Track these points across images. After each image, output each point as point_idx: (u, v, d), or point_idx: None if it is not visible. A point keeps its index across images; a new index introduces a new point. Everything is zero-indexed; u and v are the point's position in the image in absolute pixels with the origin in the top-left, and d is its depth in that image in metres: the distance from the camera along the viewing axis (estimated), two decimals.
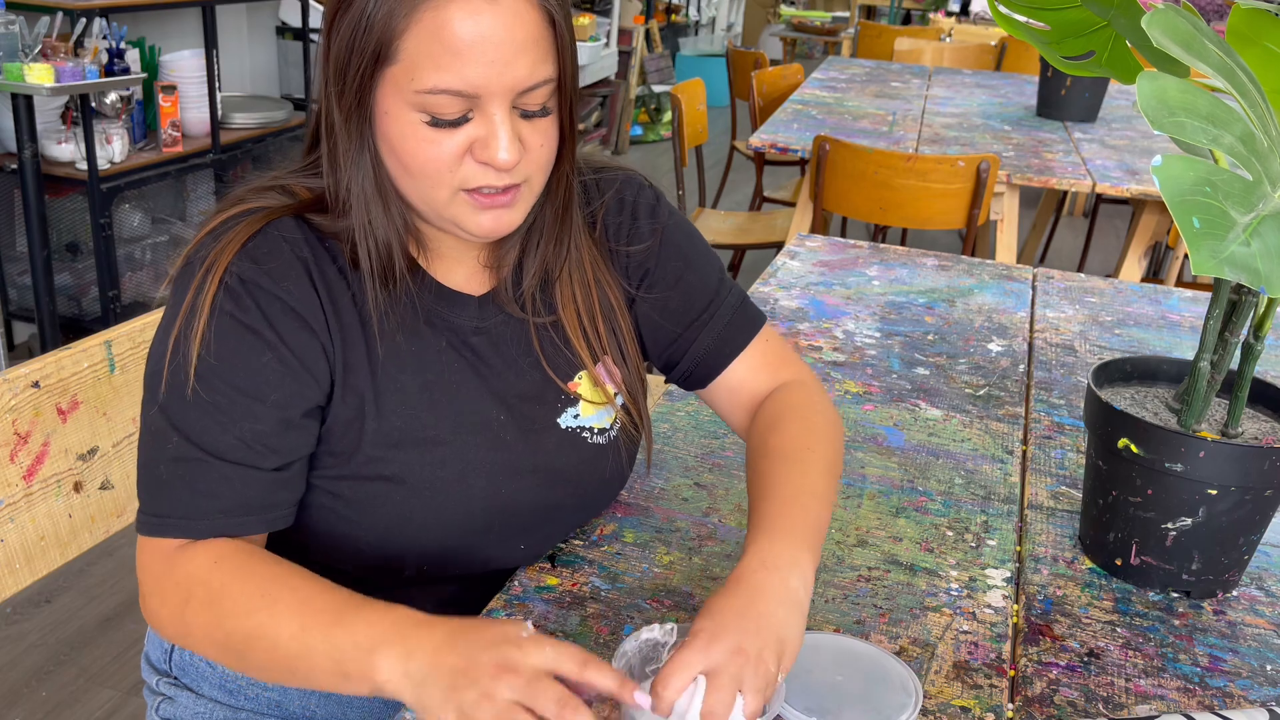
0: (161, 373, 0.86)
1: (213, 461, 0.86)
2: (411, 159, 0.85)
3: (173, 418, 0.86)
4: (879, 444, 1.29)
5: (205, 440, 0.86)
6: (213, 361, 0.85)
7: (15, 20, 2.83)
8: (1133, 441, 0.99)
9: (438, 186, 0.86)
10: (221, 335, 0.86)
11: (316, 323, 0.89)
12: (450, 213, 0.88)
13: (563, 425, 1.00)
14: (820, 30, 8.15)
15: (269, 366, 0.87)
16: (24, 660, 2.17)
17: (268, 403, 0.87)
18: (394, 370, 0.93)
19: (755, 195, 4.11)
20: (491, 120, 0.84)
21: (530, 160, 0.88)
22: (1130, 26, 0.97)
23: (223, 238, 0.88)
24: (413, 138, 0.84)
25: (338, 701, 1.09)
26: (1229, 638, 0.99)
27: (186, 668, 1.10)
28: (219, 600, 0.82)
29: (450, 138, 0.84)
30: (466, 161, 0.85)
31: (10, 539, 1.07)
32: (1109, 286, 1.91)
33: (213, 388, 0.85)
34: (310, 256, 0.90)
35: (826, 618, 0.97)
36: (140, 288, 3.47)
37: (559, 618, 0.95)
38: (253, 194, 0.92)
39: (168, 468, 0.86)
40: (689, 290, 1.05)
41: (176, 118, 3.41)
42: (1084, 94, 3.45)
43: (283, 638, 0.79)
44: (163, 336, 0.88)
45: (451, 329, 0.96)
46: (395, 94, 0.83)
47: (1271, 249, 0.72)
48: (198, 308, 0.86)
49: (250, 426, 0.86)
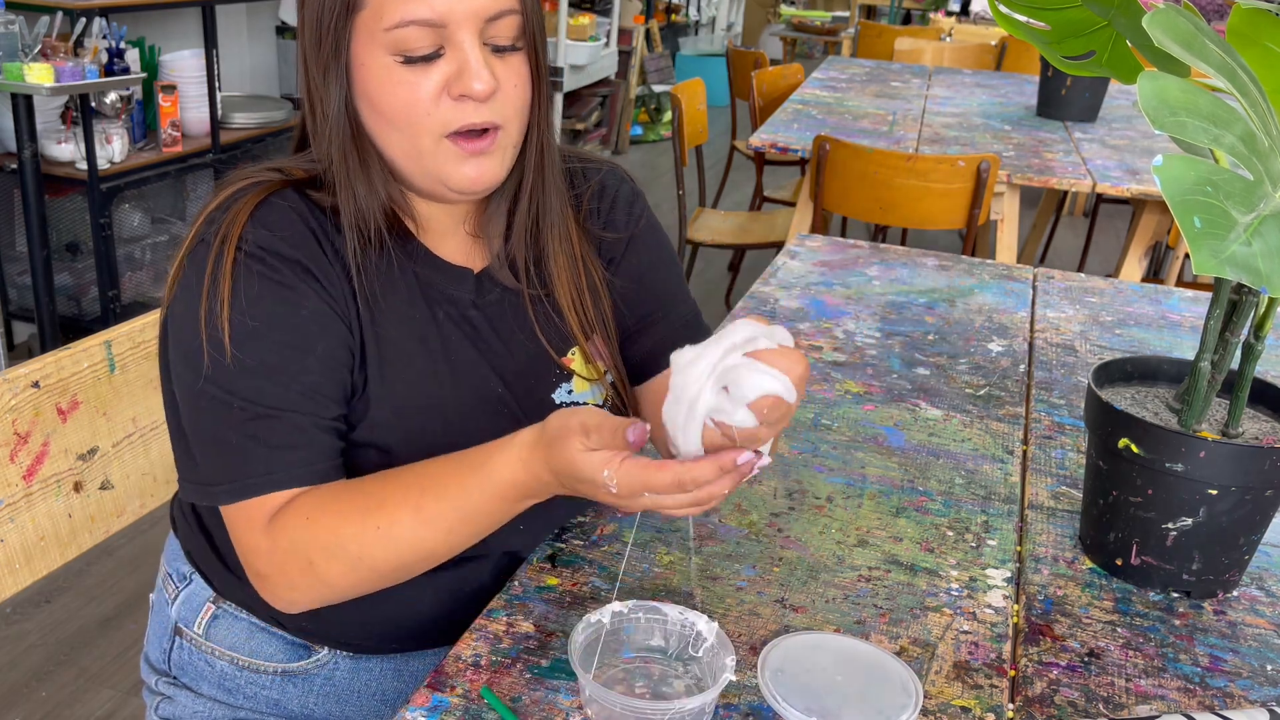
0: (198, 348, 0.86)
1: (283, 414, 0.86)
2: (389, 105, 0.86)
3: (229, 385, 0.86)
4: (879, 444, 1.29)
5: (268, 399, 0.86)
6: (252, 323, 0.86)
7: (15, 20, 2.83)
8: (1133, 441, 0.99)
9: (419, 133, 0.87)
10: (258, 297, 0.86)
11: (332, 286, 0.90)
12: (434, 165, 0.89)
13: (557, 400, 1.02)
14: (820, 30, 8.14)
15: (308, 320, 0.88)
16: (24, 660, 2.17)
17: (316, 354, 0.88)
18: (397, 338, 0.94)
19: (755, 195, 4.11)
20: (462, 50, 0.85)
21: (505, 100, 0.89)
22: (1131, 26, 0.97)
23: (230, 209, 0.89)
24: (388, 81, 0.86)
25: (335, 699, 1.10)
26: (1229, 638, 0.99)
27: (186, 667, 1.10)
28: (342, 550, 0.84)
29: (425, 76, 0.86)
30: (444, 101, 0.86)
31: (10, 539, 1.07)
32: (1109, 286, 1.91)
33: (262, 348, 0.86)
34: (316, 226, 0.91)
35: (826, 618, 0.97)
36: (140, 288, 3.47)
37: (559, 618, 0.95)
38: (248, 173, 0.94)
39: (238, 432, 0.86)
40: (649, 287, 1.08)
41: (176, 117, 3.41)
42: (1084, 94, 3.45)
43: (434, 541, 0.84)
44: (186, 313, 0.88)
45: (450, 301, 0.97)
46: (368, 41, 0.85)
47: (1272, 248, 0.71)
48: (219, 277, 0.86)
49: (306, 379, 0.87)
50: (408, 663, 1.11)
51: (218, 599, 1.08)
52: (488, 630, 0.92)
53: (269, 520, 0.87)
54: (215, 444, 0.88)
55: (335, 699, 1.09)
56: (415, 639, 1.08)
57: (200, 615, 1.08)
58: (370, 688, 1.10)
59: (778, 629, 0.95)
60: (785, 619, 0.96)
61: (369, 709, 1.11)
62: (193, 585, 1.09)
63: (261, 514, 0.87)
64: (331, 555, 0.85)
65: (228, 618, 1.08)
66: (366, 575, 0.86)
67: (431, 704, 0.84)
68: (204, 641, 1.08)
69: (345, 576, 0.86)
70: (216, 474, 0.88)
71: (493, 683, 0.86)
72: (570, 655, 0.82)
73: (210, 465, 0.88)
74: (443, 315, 0.97)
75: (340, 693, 1.09)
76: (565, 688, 0.86)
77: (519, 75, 0.90)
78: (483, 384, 0.98)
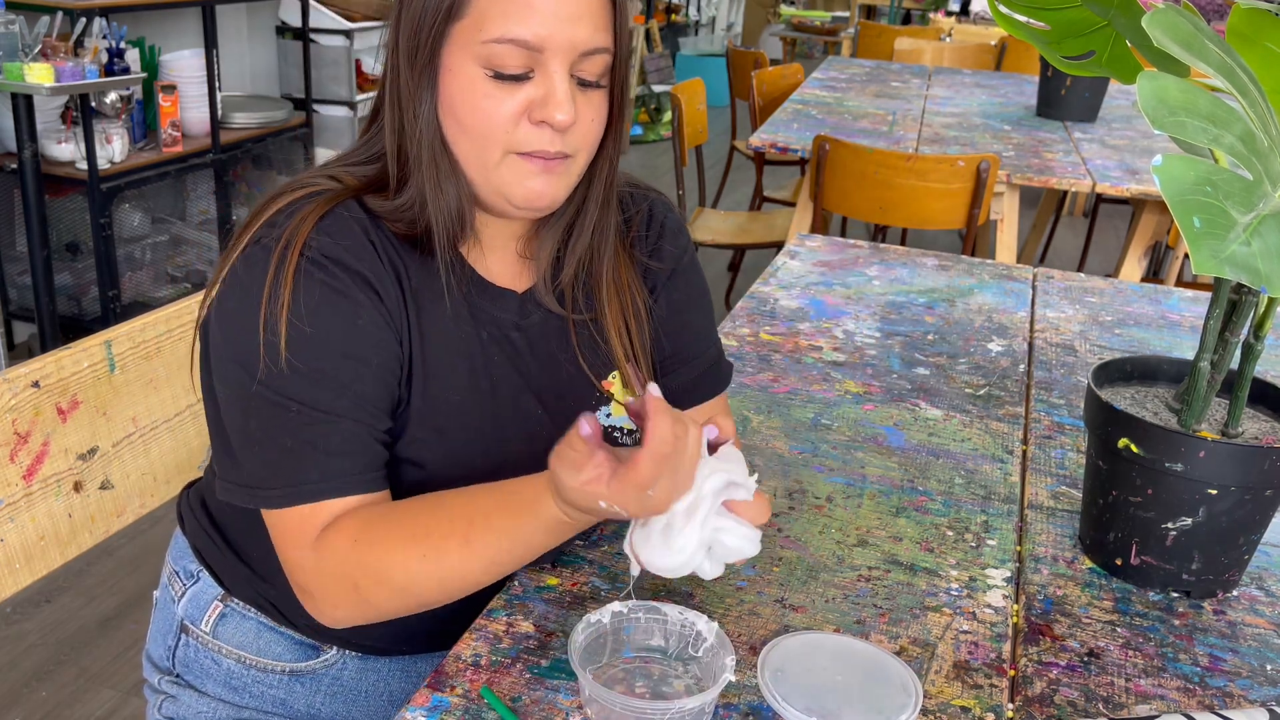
0: (253, 350, 0.86)
1: (339, 420, 0.87)
2: (469, 115, 0.88)
3: (285, 390, 0.86)
4: (879, 444, 1.29)
5: (323, 403, 0.86)
6: (310, 330, 0.86)
7: (15, 20, 2.83)
8: (1133, 441, 0.99)
9: (490, 146, 0.88)
10: (318, 305, 0.87)
11: (389, 299, 0.91)
12: (498, 179, 0.90)
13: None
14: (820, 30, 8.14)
15: (365, 330, 0.88)
16: (24, 660, 2.17)
17: (371, 365, 0.89)
18: (441, 356, 0.94)
19: (755, 195, 4.11)
20: (551, 78, 0.86)
21: (580, 132, 0.90)
22: (1130, 26, 0.97)
23: (296, 215, 0.89)
24: (473, 93, 0.87)
25: (342, 700, 1.10)
26: (1229, 638, 0.99)
27: (191, 664, 1.10)
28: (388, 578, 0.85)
29: (510, 95, 0.87)
30: (523, 123, 0.88)
31: (10, 539, 1.07)
32: (1109, 286, 1.91)
33: (318, 356, 0.86)
34: (377, 239, 0.91)
35: (826, 618, 0.97)
36: (140, 288, 3.47)
37: (559, 618, 0.95)
38: (307, 180, 0.94)
39: (293, 436, 0.86)
40: (685, 323, 1.09)
41: (176, 117, 3.41)
42: (1084, 94, 3.45)
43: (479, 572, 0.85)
44: (240, 314, 0.87)
45: (494, 322, 0.98)
46: (462, 49, 0.87)
47: (1272, 248, 0.71)
48: (281, 281, 0.86)
49: (360, 389, 0.88)
50: (415, 663, 1.11)
51: (226, 597, 1.08)
52: (487, 630, 0.92)
53: (317, 536, 0.87)
54: (268, 446, 0.87)
55: (342, 699, 1.09)
56: (426, 641, 1.09)
57: (208, 613, 1.08)
58: (378, 688, 1.10)
59: (777, 629, 0.95)
60: (785, 619, 0.96)
61: (376, 709, 1.11)
62: (200, 583, 1.09)
63: (311, 526, 0.87)
64: (378, 581, 0.85)
65: (236, 616, 1.08)
66: (411, 602, 0.87)
67: (431, 704, 0.84)
68: (211, 640, 1.08)
69: (390, 601, 0.87)
70: (267, 477, 0.87)
71: (493, 682, 0.86)
72: (570, 655, 0.82)
73: (260, 468, 0.87)
74: (486, 336, 0.97)
75: (347, 692, 1.09)
76: (565, 687, 0.86)
77: (597, 111, 0.91)
78: (522, 405, 0.99)
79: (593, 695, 0.81)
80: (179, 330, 1.23)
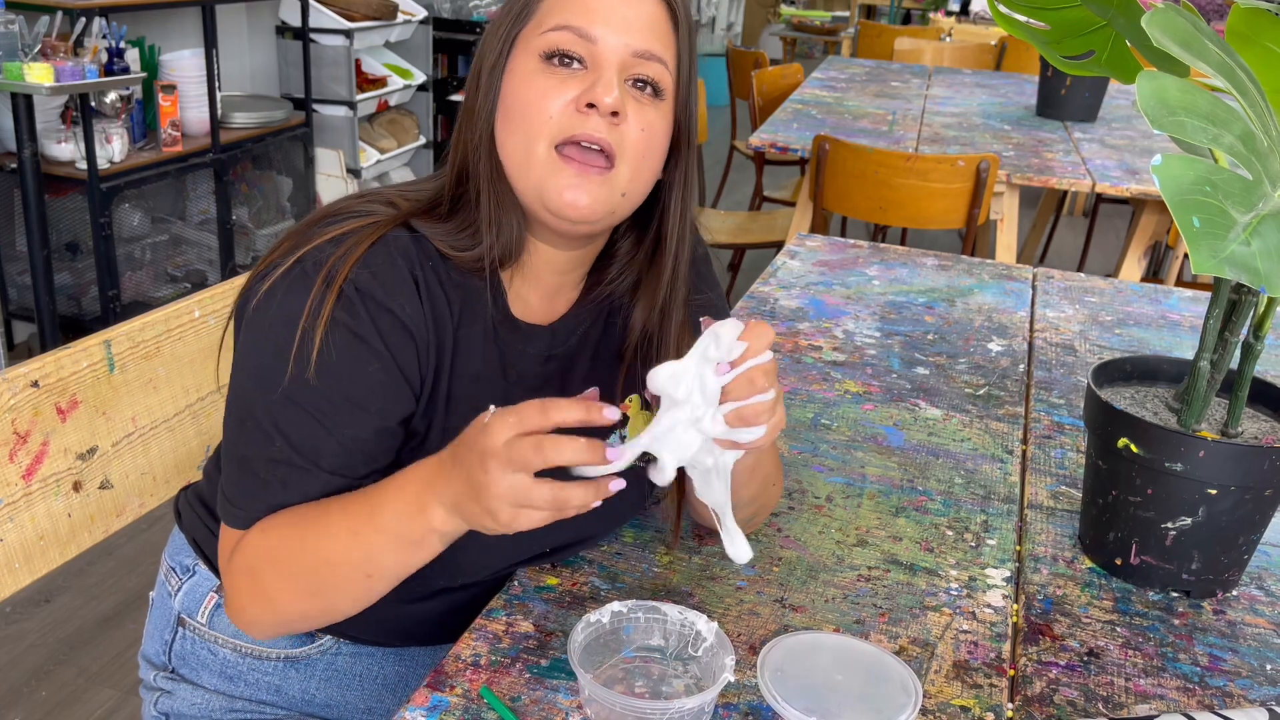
0: (268, 371, 0.87)
1: (312, 470, 0.88)
2: (518, 101, 0.89)
3: (278, 419, 0.87)
4: (879, 444, 1.29)
5: (307, 446, 0.88)
6: (322, 371, 0.87)
7: (15, 20, 2.83)
8: (1133, 441, 0.99)
9: (535, 136, 0.88)
10: (334, 344, 0.87)
11: (420, 338, 0.91)
12: (539, 178, 0.89)
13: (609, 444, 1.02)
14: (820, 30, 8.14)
15: (374, 376, 0.89)
16: (24, 660, 2.17)
17: (371, 411, 0.89)
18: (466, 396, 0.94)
19: (755, 195, 4.11)
20: (601, 69, 0.88)
21: (626, 136, 0.88)
22: (1130, 26, 0.97)
23: (343, 244, 0.89)
24: (527, 85, 0.88)
25: (338, 685, 1.10)
26: (1229, 637, 0.99)
27: (188, 657, 1.11)
28: (277, 557, 0.87)
29: (561, 83, 0.87)
30: (569, 111, 0.88)
31: (10, 538, 1.07)
32: (1109, 286, 1.91)
33: (320, 394, 0.87)
34: (421, 276, 0.91)
35: (826, 617, 0.97)
36: (140, 287, 3.47)
37: (559, 618, 0.95)
38: (360, 202, 0.94)
39: (266, 468, 0.88)
40: None
41: (176, 117, 3.41)
42: (1084, 94, 3.45)
43: (344, 550, 0.85)
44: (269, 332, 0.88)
45: (521, 358, 0.98)
46: (525, 50, 0.89)
47: (1271, 248, 0.71)
48: (319, 313, 0.86)
49: (352, 433, 0.88)
50: (411, 650, 1.12)
51: (222, 588, 1.08)
52: (487, 630, 0.92)
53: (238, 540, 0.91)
54: (244, 468, 0.90)
55: (337, 684, 1.10)
56: (416, 638, 1.09)
57: (204, 604, 1.09)
58: (372, 672, 1.11)
59: (777, 629, 0.95)
60: (785, 619, 0.96)
61: (370, 693, 1.12)
62: (196, 576, 1.10)
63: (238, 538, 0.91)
64: (272, 563, 0.88)
65: None
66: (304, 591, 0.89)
67: (431, 704, 0.84)
68: (207, 630, 1.09)
69: (282, 588, 0.88)
70: (238, 495, 0.90)
71: (492, 682, 0.86)
72: (569, 655, 0.82)
73: (233, 484, 0.91)
74: (514, 376, 0.97)
75: (342, 678, 1.10)
76: (565, 687, 0.86)
77: (648, 123, 0.90)
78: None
79: (592, 695, 0.81)
80: (179, 330, 1.23)
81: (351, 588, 0.87)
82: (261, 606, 0.90)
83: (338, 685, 1.10)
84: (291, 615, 0.91)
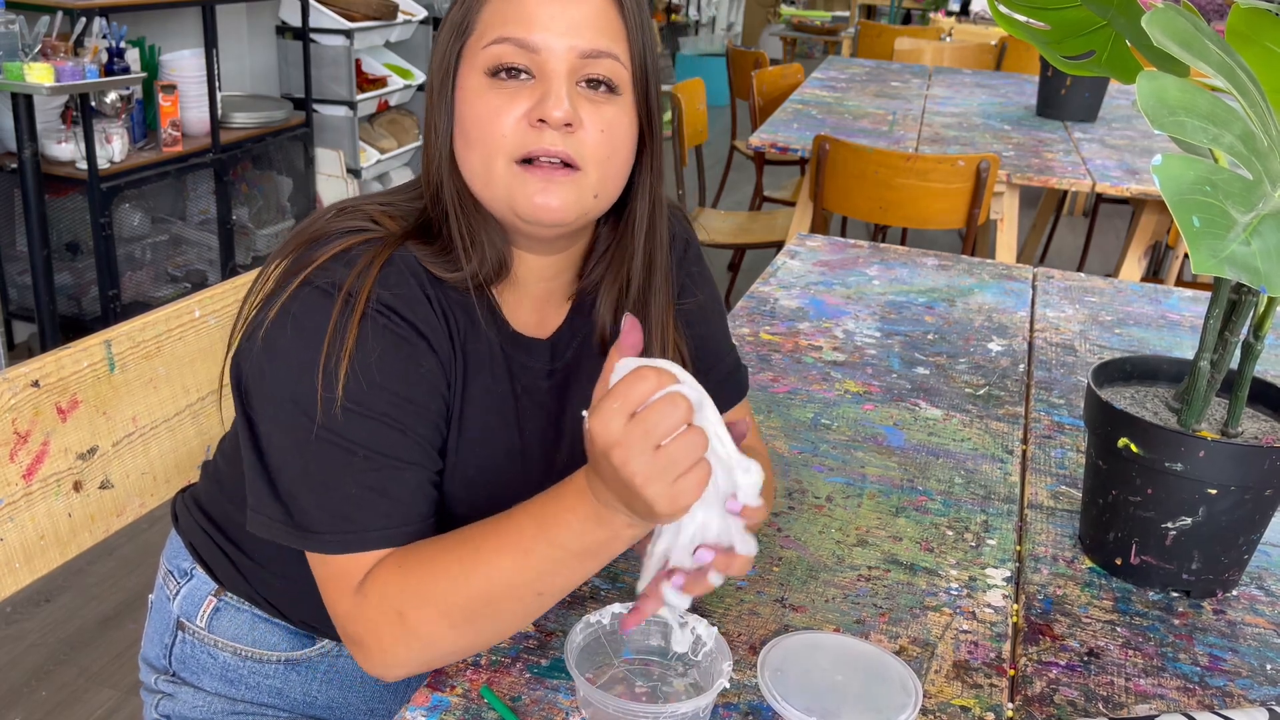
0: (311, 395, 0.84)
1: (405, 467, 0.86)
2: (471, 120, 0.87)
3: (350, 435, 0.84)
4: (879, 443, 1.29)
5: (390, 448, 0.85)
6: (377, 375, 0.85)
7: (15, 20, 2.83)
8: (1133, 441, 0.99)
9: (493, 154, 0.86)
10: (384, 351, 0.85)
11: (442, 352, 0.90)
12: (504, 190, 0.87)
13: None
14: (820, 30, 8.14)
15: (425, 376, 0.88)
16: (24, 660, 2.17)
17: (430, 410, 0.88)
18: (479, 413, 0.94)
19: (755, 195, 4.11)
20: (549, 80, 0.85)
21: (584, 141, 0.86)
22: (1130, 26, 0.97)
23: (356, 264, 0.87)
24: (475, 100, 0.86)
25: (339, 687, 1.10)
26: (1229, 637, 0.99)
27: (188, 661, 1.10)
28: (431, 592, 0.81)
29: (510, 99, 0.85)
30: (522, 126, 0.85)
31: (10, 538, 1.07)
32: (1109, 286, 1.91)
33: (384, 399, 0.85)
34: (431, 293, 0.90)
35: (826, 617, 0.97)
36: (140, 287, 3.47)
37: (559, 618, 0.95)
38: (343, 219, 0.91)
39: (358, 483, 0.84)
40: (700, 338, 1.07)
41: (176, 117, 3.41)
42: (1084, 94, 3.45)
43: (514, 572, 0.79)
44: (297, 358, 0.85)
45: (527, 372, 0.97)
46: (469, 65, 0.87)
47: (1271, 248, 0.71)
48: (344, 330, 0.84)
49: (421, 432, 0.87)
50: None
51: (220, 591, 1.08)
52: None
53: (362, 579, 0.84)
54: (331, 491, 0.85)
55: (338, 685, 1.10)
56: None
57: (202, 608, 1.09)
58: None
59: (777, 628, 0.95)
60: (785, 618, 0.96)
61: (371, 694, 1.12)
62: (194, 580, 1.09)
63: (360, 570, 0.84)
64: (423, 602, 0.81)
65: (230, 610, 1.08)
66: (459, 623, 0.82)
67: (431, 703, 0.84)
68: (206, 634, 1.09)
69: (438, 627, 0.81)
70: (325, 520, 0.84)
71: (492, 682, 0.87)
72: (566, 656, 0.82)
73: (318, 511, 0.85)
74: (520, 389, 0.97)
75: (343, 679, 1.10)
76: (565, 687, 0.86)
77: (607, 123, 0.87)
78: (548, 457, 0.99)
79: (587, 697, 0.81)
80: (179, 330, 1.23)
81: (521, 608, 0.82)
82: (413, 648, 0.82)
83: (339, 686, 1.10)
84: (447, 650, 0.84)
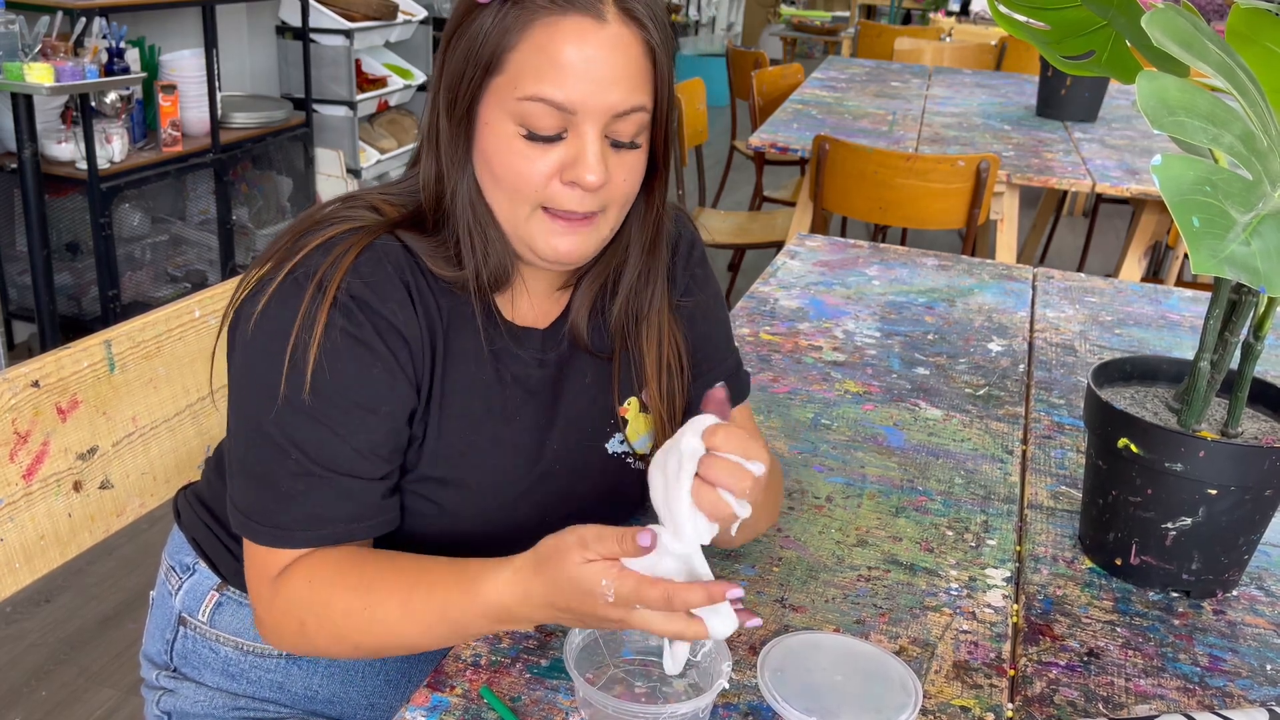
0: (272, 384, 0.87)
1: (331, 477, 0.88)
2: (503, 170, 0.88)
3: (290, 433, 0.88)
4: (879, 444, 1.29)
5: (323, 456, 0.88)
6: (328, 378, 0.87)
7: (15, 20, 2.83)
8: (1133, 441, 0.99)
9: (521, 201, 0.89)
10: (336, 352, 0.87)
11: (414, 341, 0.91)
12: (526, 232, 0.90)
13: (609, 450, 1.02)
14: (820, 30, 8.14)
15: (379, 379, 0.89)
16: (24, 660, 2.17)
17: (380, 414, 0.89)
18: (462, 402, 0.95)
19: (755, 195, 4.11)
20: (583, 139, 0.86)
21: (612, 190, 0.90)
22: (1130, 26, 0.97)
23: (332, 252, 0.89)
24: (507, 150, 0.87)
25: (340, 681, 1.11)
26: (1229, 637, 0.99)
27: (190, 656, 1.11)
28: (330, 618, 0.88)
29: (542, 155, 0.87)
30: (554, 183, 0.88)
31: (10, 538, 1.07)
32: (1109, 286, 1.91)
33: (329, 402, 0.87)
34: (411, 281, 0.91)
35: (826, 618, 0.97)
36: (140, 287, 3.47)
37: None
38: (343, 207, 0.94)
39: (289, 482, 0.88)
40: (701, 339, 1.08)
41: (176, 117, 3.40)
42: (1084, 94, 3.44)
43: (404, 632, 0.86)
44: (267, 347, 0.88)
45: (516, 361, 0.98)
46: (498, 104, 0.87)
47: (1271, 248, 0.71)
48: (313, 322, 0.87)
49: (365, 438, 0.89)
50: None
51: (222, 586, 1.09)
52: None
53: (279, 572, 0.90)
54: (262, 483, 0.89)
55: (339, 680, 1.10)
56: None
57: (204, 603, 1.09)
58: (374, 667, 1.11)
59: (777, 629, 0.95)
60: (785, 618, 0.96)
61: (373, 689, 1.12)
62: (196, 575, 1.10)
63: (278, 564, 0.90)
64: (321, 622, 0.88)
65: (232, 604, 1.09)
66: (349, 650, 0.90)
67: (431, 704, 0.84)
68: (208, 629, 1.09)
69: (330, 644, 0.89)
70: (255, 511, 0.90)
71: (492, 682, 0.87)
72: (565, 657, 0.82)
73: (251, 500, 0.90)
74: (509, 378, 0.97)
75: (344, 674, 1.10)
76: (565, 687, 0.86)
77: (630, 171, 0.90)
78: (538, 446, 0.99)
79: (586, 697, 0.81)
80: (179, 330, 1.23)
81: (401, 650, 0.89)
82: (308, 651, 0.92)
83: (340, 681, 1.10)
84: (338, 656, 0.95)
